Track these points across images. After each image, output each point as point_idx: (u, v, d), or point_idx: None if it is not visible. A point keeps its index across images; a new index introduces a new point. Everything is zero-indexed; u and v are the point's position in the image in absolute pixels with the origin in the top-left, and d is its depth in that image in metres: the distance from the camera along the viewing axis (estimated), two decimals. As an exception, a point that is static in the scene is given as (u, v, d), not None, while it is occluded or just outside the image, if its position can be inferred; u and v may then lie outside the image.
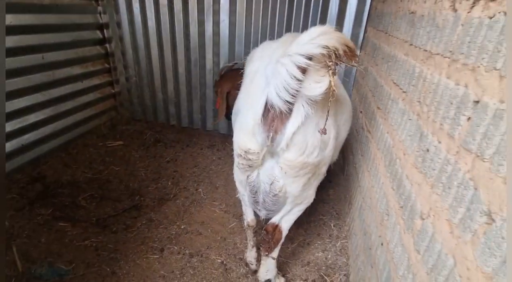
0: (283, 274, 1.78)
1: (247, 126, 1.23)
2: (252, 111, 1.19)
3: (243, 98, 1.39)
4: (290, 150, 1.19)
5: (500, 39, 0.72)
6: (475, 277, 0.64)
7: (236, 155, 1.35)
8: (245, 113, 1.28)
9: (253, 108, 1.18)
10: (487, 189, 0.66)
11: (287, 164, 1.23)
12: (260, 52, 1.52)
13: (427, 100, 1.07)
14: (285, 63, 0.99)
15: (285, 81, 1.00)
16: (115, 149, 3.08)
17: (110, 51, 3.41)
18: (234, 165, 1.46)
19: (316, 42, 0.93)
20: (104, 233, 2.01)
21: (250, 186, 1.40)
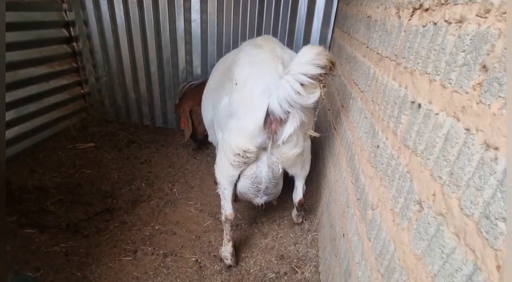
0: (257, 266, 1.85)
1: (247, 129, 1.41)
2: (253, 117, 1.37)
3: (236, 103, 1.47)
4: (285, 146, 1.46)
5: (430, 47, 0.80)
6: (409, 259, 0.72)
7: (232, 154, 1.50)
8: (242, 118, 1.42)
9: (253, 114, 1.36)
10: (419, 181, 0.74)
11: (283, 156, 1.53)
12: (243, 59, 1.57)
13: (378, 99, 1.16)
14: (290, 81, 1.20)
15: (289, 96, 1.22)
16: (86, 151, 3.00)
17: (78, 50, 3.30)
18: (225, 162, 1.59)
19: (315, 63, 1.16)
20: (74, 238, 1.97)
21: (252, 178, 1.61)
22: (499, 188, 0.48)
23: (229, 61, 1.89)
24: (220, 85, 1.78)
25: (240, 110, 1.44)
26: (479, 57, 0.59)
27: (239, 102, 1.45)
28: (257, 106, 1.35)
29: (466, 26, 0.65)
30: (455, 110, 0.64)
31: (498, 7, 0.56)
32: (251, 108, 1.37)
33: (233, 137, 1.47)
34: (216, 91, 1.84)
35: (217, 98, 1.73)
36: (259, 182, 1.62)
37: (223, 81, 1.75)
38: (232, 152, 1.49)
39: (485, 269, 0.48)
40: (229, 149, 1.50)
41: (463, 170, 0.58)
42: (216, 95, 1.79)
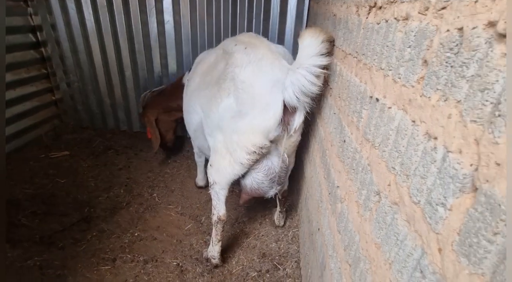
0: (239, 265, 1.85)
1: (265, 126, 1.45)
2: (271, 112, 1.42)
3: (248, 103, 1.47)
4: (294, 135, 1.56)
5: (383, 43, 0.83)
6: (371, 248, 0.75)
7: (246, 153, 1.52)
8: (257, 116, 1.45)
9: (270, 110, 1.42)
10: (377, 172, 0.77)
11: (291, 144, 1.62)
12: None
13: (343, 95, 1.19)
14: (304, 74, 1.27)
15: (305, 87, 1.29)
16: (60, 160, 2.90)
17: (47, 56, 3.18)
18: (229, 163, 1.60)
19: (323, 52, 1.26)
20: (49, 251, 1.90)
21: (265, 171, 1.66)
22: (438, 175, 0.51)
23: (212, 61, 1.85)
24: (210, 86, 1.71)
25: (254, 109, 1.46)
26: (421, 52, 0.62)
27: (251, 101, 1.46)
28: (272, 102, 1.41)
29: (411, 23, 0.68)
30: (404, 103, 0.67)
31: (434, 5, 0.59)
32: (265, 105, 1.42)
33: (247, 136, 1.48)
34: (204, 92, 1.76)
35: (210, 100, 1.66)
36: (273, 172, 1.67)
37: (213, 82, 1.69)
38: (247, 151, 1.51)
39: (430, 252, 0.51)
40: (240, 148, 1.52)
41: (411, 160, 0.61)
42: (206, 97, 1.71)
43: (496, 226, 0.37)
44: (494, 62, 0.41)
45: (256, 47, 1.58)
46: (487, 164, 0.40)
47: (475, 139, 0.43)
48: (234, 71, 1.52)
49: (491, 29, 0.43)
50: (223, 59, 1.73)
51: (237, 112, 1.51)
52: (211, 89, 1.67)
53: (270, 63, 1.47)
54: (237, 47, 1.64)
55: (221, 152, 1.63)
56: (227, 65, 1.59)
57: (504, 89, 0.39)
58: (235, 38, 1.88)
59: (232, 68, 1.54)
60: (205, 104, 1.71)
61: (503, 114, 0.38)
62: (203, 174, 2.62)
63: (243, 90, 1.47)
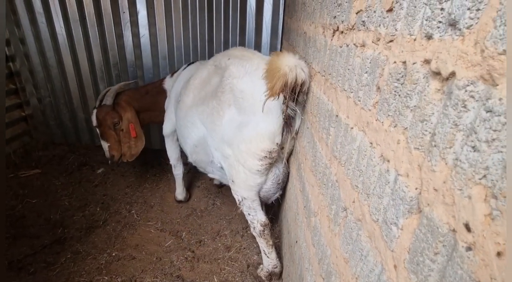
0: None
1: (270, 131, 1.51)
2: (274, 118, 1.49)
3: (250, 111, 1.54)
4: (295, 137, 1.61)
5: (345, 66, 0.89)
6: (340, 262, 0.78)
7: (258, 160, 1.55)
8: (260, 123, 1.51)
9: (273, 116, 1.48)
10: (343, 189, 0.81)
11: (291, 148, 1.66)
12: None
13: (314, 111, 1.24)
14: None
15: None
16: (30, 179, 2.77)
17: (15, 70, 3.06)
18: (247, 175, 1.61)
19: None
20: (19, 277, 1.80)
21: (274, 178, 1.68)
22: (391, 196, 0.55)
23: (204, 76, 1.89)
24: (206, 100, 1.74)
25: (256, 116, 1.51)
26: (375, 79, 0.67)
27: (252, 109, 1.52)
28: (273, 107, 1.45)
29: (367, 51, 0.73)
30: (363, 125, 0.72)
31: (384, 36, 0.64)
32: (266, 111, 1.43)
33: (254, 143, 1.53)
34: (202, 107, 1.77)
35: (212, 115, 1.68)
36: (278, 178, 1.71)
37: (209, 96, 1.73)
38: (258, 157, 1.55)
39: (388, 269, 0.54)
40: (251, 157, 1.55)
41: (370, 179, 0.65)
42: (206, 112, 1.73)
43: (436, 247, 0.41)
44: (430, 97, 0.46)
45: (250, 59, 1.66)
46: (427, 189, 0.45)
47: (418, 165, 0.48)
48: (232, 82, 1.59)
49: (427, 66, 0.48)
50: (216, 74, 1.79)
51: (240, 122, 1.56)
52: (209, 104, 1.71)
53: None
54: (231, 61, 1.71)
55: (234, 166, 1.64)
56: (224, 78, 1.64)
57: (439, 122, 0.44)
58: (227, 53, 1.93)
59: (230, 80, 1.60)
60: (207, 119, 1.73)
61: (437, 145, 0.43)
62: (182, 187, 2.59)
63: (243, 99, 1.54)
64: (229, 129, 1.60)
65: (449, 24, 0.43)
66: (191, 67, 2.30)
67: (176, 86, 2.26)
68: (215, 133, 1.70)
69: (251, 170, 1.59)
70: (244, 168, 1.60)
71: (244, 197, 1.70)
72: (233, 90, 1.58)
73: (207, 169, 2.09)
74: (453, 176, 0.39)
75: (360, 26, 0.77)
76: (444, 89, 0.44)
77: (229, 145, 1.62)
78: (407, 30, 0.54)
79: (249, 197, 1.70)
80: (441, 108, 0.43)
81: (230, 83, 1.59)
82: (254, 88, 1.51)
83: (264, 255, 1.79)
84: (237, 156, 1.60)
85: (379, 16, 0.67)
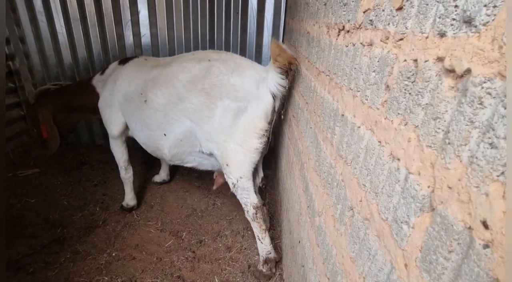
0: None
1: (265, 113, 1.76)
2: (265, 102, 1.75)
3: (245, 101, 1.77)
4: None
5: (351, 65, 0.89)
6: (346, 262, 0.78)
7: (257, 139, 1.79)
8: (255, 108, 1.76)
9: (264, 101, 1.74)
10: (350, 188, 0.81)
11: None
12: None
13: (318, 111, 1.24)
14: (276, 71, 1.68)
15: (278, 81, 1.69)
16: (29, 178, 2.75)
17: (14, 69, 3.04)
18: (247, 154, 1.81)
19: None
20: (17, 277, 1.78)
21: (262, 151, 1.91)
22: (402, 194, 0.55)
23: (169, 74, 1.94)
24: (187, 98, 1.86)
25: (251, 103, 1.76)
26: (384, 78, 0.67)
27: (246, 98, 1.76)
28: (263, 94, 1.74)
29: (374, 50, 0.73)
30: (371, 124, 0.71)
31: (393, 35, 0.64)
32: (257, 97, 1.75)
33: (253, 125, 1.77)
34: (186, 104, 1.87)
35: (201, 110, 1.83)
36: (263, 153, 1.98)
37: (187, 94, 1.85)
38: (257, 136, 1.79)
39: (398, 268, 0.54)
40: (250, 137, 1.78)
41: (378, 178, 0.65)
42: (192, 108, 1.85)
43: (451, 245, 0.41)
44: (443, 94, 0.46)
45: (231, 57, 1.90)
46: (441, 187, 0.44)
47: (431, 163, 0.48)
48: (222, 79, 1.78)
49: (440, 64, 0.48)
50: (183, 72, 1.89)
51: (237, 109, 1.77)
52: (193, 100, 1.83)
53: (250, 67, 1.83)
54: (215, 63, 1.84)
55: (231, 149, 1.81)
56: (211, 76, 1.80)
57: (453, 119, 0.44)
58: (194, 56, 2.00)
59: (219, 77, 1.78)
60: (195, 114, 1.86)
61: (451, 143, 0.43)
62: (132, 193, 2.48)
63: (236, 91, 1.76)
64: (224, 118, 1.78)
65: (464, 21, 0.43)
66: (134, 64, 2.21)
67: (120, 84, 2.16)
68: (206, 125, 1.84)
69: (251, 149, 1.80)
70: (243, 149, 1.80)
71: (241, 175, 1.85)
72: (224, 85, 1.77)
73: (186, 159, 2.17)
74: (468, 173, 0.39)
75: (368, 25, 0.77)
76: (458, 87, 0.44)
77: (225, 132, 1.79)
78: (419, 28, 0.54)
79: (245, 175, 1.85)
80: (455, 105, 0.43)
81: (220, 80, 1.78)
82: (244, 81, 1.77)
83: (258, 241, 1.91)
84: (235, 139, 1.79)
85: (388, 15, 0.67)
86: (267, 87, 1.73)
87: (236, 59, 1.89)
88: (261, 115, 1.76)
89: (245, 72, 1.79)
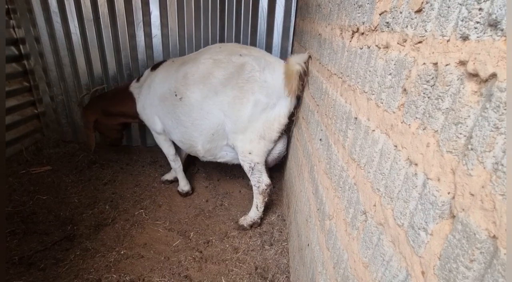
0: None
1: (289, 109, 2.01)
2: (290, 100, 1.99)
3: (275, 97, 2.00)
4: None
5: (366, 68, 0.88)
6: (358, 267, 0.77)
7: (277, 132, 2.07)
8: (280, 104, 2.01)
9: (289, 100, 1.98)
10: (363, 192, 0.80)
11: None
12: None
13: (330, 113, 1.23)
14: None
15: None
16: (41, 176, 2.80)
17: (29, 68, 3.11)
18: (265, 143, 2.10)
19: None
20: (29, 272, 1.81)
21: (285, 141, 2.29)
22: (420, 200, 0.54)
23: (202, 71, 2.10)
24: (222, 92, 2.04)
25: (280, 99, 1.99)
26: (401, 81, 0.66)
27: (277, 94, 1.98)
28: (271, 58, 2.04)
29: (391, 52, 0.72)
30: (386, 128, 0.70)
31: (412, 38, 0.63)
32: (285, 97, 1.97)
33: (278, 120, 2.02)
34: (220, 98, 2.06)
35: (234, 103, 2.01)
36: (285, 141, 2.32)
37: (221, 88, 2.03)
38: (278, 130, 2.06)
39: (414, 275, 0.53)
40: (273, 131, 2.05)
41: (394, 183, 0.63)
42: (225, 101, 2.04)
43: (473, 254, 0.40)
44: (466, 99, 0.45)
45: (260, 55, 2.07)
46: (462, 194, 0.43)
47: (451, 169, 0.46)
48: (255, 75, 1.97)
49: (462, 68, 0.47)
50: (218, 67, 2.05)
51: (266, 104, 1.98)
52: (228, 93, 2.02)
53: (279, 65, 1.99)
54: (245, 58, 2.03)
55: (255, 140, 2.07)
56: (245, 72, 1.98)
57: (476, 125, 0.43)
58: (222, 49, 2.16)
59: (253, 73, 1.97)
60: (228, 107, 2.03)
61: (474, 149, 0.42)
62: (185, 180, 2.69)
63: (267, 87, 1.96)
64: (255, 112, 1.99)
65: (489, 24, 0.42)
66: (163, 68, 2.38)
67: (155, 88, 2.33)
68: (237, 118, 2.03)
69: (271, 140, 2.09)
70: (265, 140, 2.07)
71: (257, 162, 2.13)
72: (256, 81, 1.96)
73: (219, 154, 2.35)
74: (493, 181, 0.38)
75: (384, 27, 0.76)
76: (482, 91, 0.42)
77: (254, 124, 2.03)
78: (439, 31, 0.53)
79: (261, 162, 2.15)
80: (479, 110, 0.42)
81: (253, 76, 1.96)
82: (273, 78, 1.96)
83: (255, 209, 2.24)
84: (260, 132, 2.04)
85: (406, 17, 0.66)
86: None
87: (266, 57, 2.06)
88: (285, 112, 2.01)
89: (275, 70, 1.97)
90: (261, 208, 2.24)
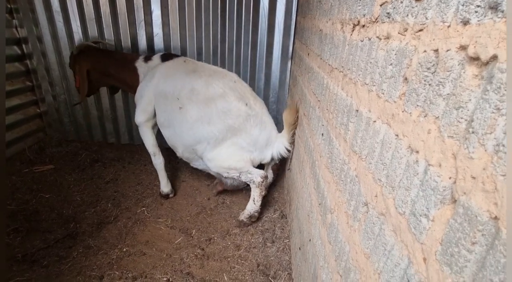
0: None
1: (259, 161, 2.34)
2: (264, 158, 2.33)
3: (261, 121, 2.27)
4: None
5: (367, 60, 0.87)
6: (360, 258, 0.77)
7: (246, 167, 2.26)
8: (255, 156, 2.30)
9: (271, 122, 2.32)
10: (365, 183, 0.80)
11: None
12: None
13: (331, 108, 1.23)
14: None
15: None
16: (44, 174, 2.81)
17: (32, 68, 3.13)
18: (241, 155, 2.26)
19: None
20: (32, 269, 1.82)
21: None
22: (421, 187, 0.54)
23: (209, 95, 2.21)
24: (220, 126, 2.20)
25: (255, 152, 2.28)
26: (402, 70, 0.66)
27: (254, 147, 2.25)
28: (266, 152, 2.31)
29: (392, 42, 0.72)
30: (387, 118, 0.70)
31: (412, 27, 0.63)
32: (261, 152, 2.31)
33: (249, 161, 2.26)
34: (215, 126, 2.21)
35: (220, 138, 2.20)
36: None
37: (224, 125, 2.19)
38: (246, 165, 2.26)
39: (415, 262, 0.53)
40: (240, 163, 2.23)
41: (395, 172, 0.63)
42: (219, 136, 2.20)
43: (474, 236, 0.40)
44: (467, 83, 0.45)
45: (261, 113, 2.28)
46: (463, 177, 0.43)
47: (452, 154, 0.46)
48: (247, 126, 2.19)
49: (463, 52, 0.47)
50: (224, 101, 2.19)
51: (244, 148, 2.23)
52: (218, 128, 2.18)
53: (271, 127, 2.31)
54: (247, 110, 2.21)
55: (228, 166, 2.27)
56: (240, 119, 2.17)
57: (477, 108, 0.42)
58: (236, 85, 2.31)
59: (246, 123, 2.18)
60: (215, 141, 2.21)
61: (476, 132, 0.42)
62: (166, 179, 2.62)
63: (251, 139, 2.22)
64: (234, 150, 2.23)
65: (490, 7, 0.41)
66: (173, 64, 2.41)
67: (158, 80, 2.36)
68: (218, 151, 2.23)
69: (241, 169, 2.30)
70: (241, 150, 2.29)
71: (240, 171, 2.26)
72: (245, 131, 2.20)
73: (195, 163, 2.54)
74: (494, 162, 0.38)
75: (385, 18, 0.76)
76: (482, 74, 0.42)
77: (229, 158, 2.28)
78: (440, 17, 0.53)
79: (244, 168, 2.25)
80: (480, 93, 0.42)
81: (246, 126, 2.19)
82: (261, 134, 2.23)
83: (252, 203, 2.26)
84: (231, 163, 2.27)
85: (406, 6, 0.66)
86: (271, 150, 2.28)
87: (264, 117, 2.28)
88: (257, 160, 2.30)
89: (266, 129, 2.23)
90: (258, 202, 2.26)
